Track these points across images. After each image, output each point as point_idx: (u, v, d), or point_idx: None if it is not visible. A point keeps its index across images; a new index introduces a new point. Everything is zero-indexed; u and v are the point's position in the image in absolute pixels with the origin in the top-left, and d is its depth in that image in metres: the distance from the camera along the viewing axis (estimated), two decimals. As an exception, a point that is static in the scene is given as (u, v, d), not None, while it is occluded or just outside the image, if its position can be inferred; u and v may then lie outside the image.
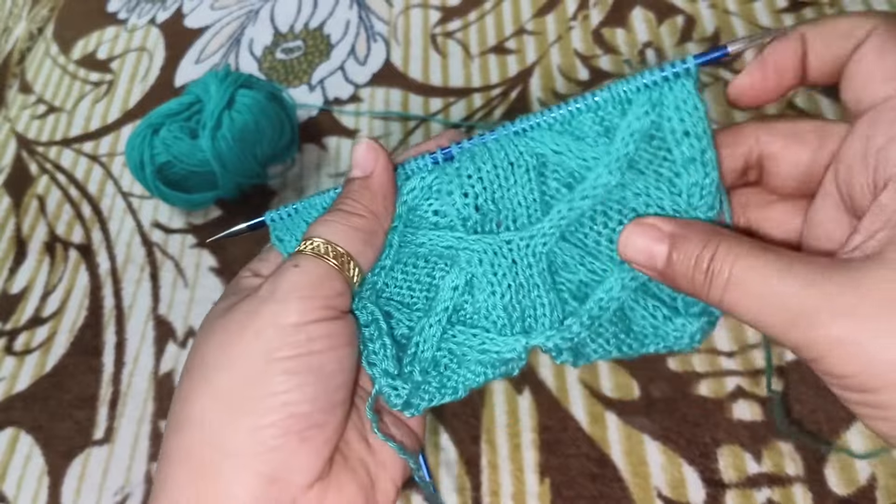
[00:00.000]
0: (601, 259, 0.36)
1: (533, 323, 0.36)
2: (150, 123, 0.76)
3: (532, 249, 0.36)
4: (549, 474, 0.57)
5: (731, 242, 0.30)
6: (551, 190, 0.36)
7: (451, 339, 0.37)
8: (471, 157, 0.36)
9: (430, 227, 0.37)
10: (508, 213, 0.36)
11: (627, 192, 0.35)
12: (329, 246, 0.34)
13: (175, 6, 1.08)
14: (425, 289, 0.38)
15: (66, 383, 0.73)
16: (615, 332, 0.37)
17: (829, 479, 0.52)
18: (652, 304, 0.36)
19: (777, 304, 0.27)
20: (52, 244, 0.85)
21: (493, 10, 0.91)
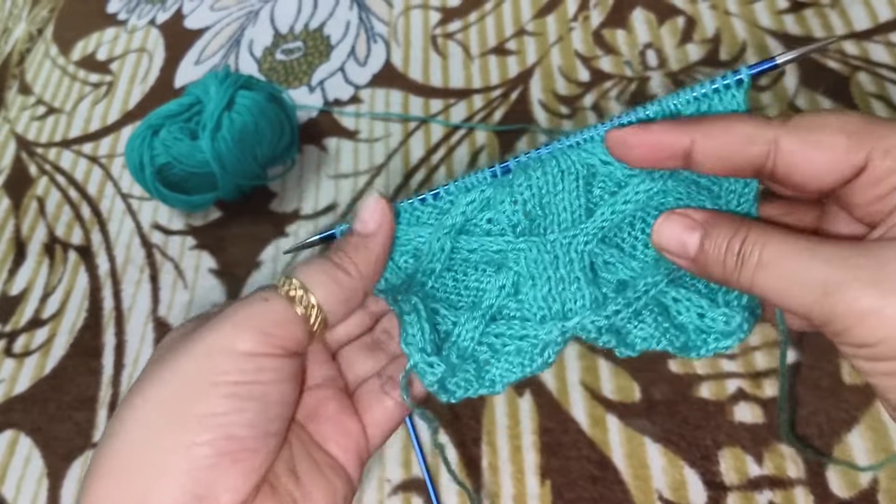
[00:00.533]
0: (638, 259, 0.38)
1: (571, 312, 0.38)
2: (149, 124, 0.76)
3: (574, 247, 0.38)
4: (550, 476, 0.57)
5: (761, 228, 0.31)
6: (595, 198, 0.38)
7: (492, 333, 0.39)
8: (524, 168, 0.38)
9: (483, 233, 0.39)
10: (554, 218, 0.38)
11: (668, 199, 0.36)
12: (305, 295, 0.35)
13: (175, 7, 1.08)
14: (472, 294, 0.40)
15: (65, 385, 0.73)
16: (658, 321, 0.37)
17: (830, 482, 0.52)
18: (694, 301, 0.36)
19: (805, 281, 0.28)
20: (51, 245, 0.85)
21: (493, 11, 0.91)
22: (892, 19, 0.74)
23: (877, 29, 0.74)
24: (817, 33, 0.75)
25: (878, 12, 0.75)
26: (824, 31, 0.75)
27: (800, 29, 0.76)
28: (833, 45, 0.74)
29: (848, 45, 0.74)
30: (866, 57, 0.72)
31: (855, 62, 0.72)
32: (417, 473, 0.59)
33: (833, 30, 0.75)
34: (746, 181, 0.35)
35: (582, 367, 0.61)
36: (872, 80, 0.70)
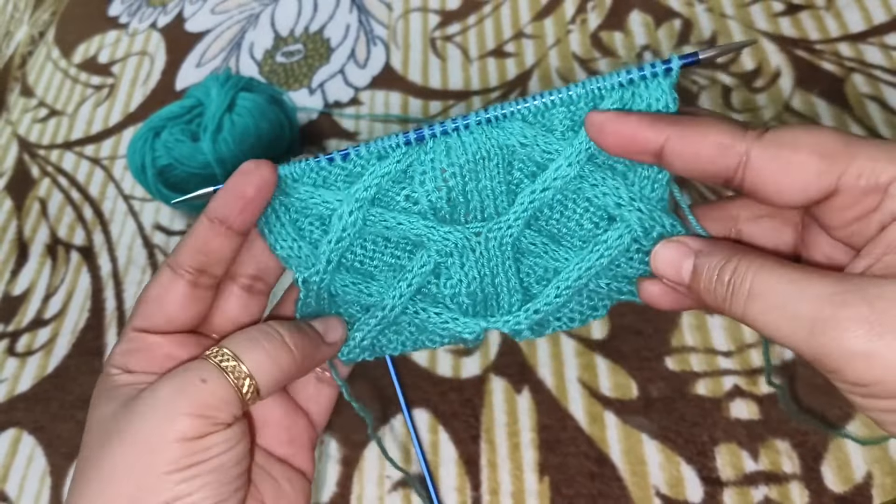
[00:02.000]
0: (563, 246, 0.38)
1: (495, 308, 0.39)
2: (151, 126, 0.76)
3: (499, 241, 0.38)
4: (549, 473, 0.57)
5: (752, 256, 0.31)
6: (515, 180, 0.38)
7: (414, 315, 0.40)
8: (446, 150, 0.37)
9: (400, 211, 0.38)
10: (477, 204, 0.38)
11: (584, 184, 0.36)
12: (238, 364, 0.34)
13: (176, 10, 1.09)
14: (388, 265, 0.40)
15: (67, 384, 0.73)
16: (580, 309, 0.39)
17: (825, 477, 0.53)
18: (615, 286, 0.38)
19: (796, 316, 0.28)
20: (53, 246, 0.85)
21: (491, 14, 0.92)
22: (886, 21, 0.75)
23: (871, 31, 0.75)
24: (813, 35, 0.76)
25: (872, 14, 0.76)
26: (819, 34, 0.76)
27: (795, 31, 0.77)
28: (828, 47, 0.74)
29: (843, 46, 0.74)
30: (861, 58, 0.73)
31: (850, 64, 0.73)
32: (416, 470, 0.60)
33: (828, 32, 0.76)
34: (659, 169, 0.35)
35: (580, 365, 0.61)
36: (867, 81, 0.71)
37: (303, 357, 0.36)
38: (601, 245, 0.37)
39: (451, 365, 0.64)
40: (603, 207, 0.37)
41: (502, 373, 0.63)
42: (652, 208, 0.36)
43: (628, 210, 0.36)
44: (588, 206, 0.37)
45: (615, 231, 0.37)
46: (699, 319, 0.61)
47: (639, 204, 0.36)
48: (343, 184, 0.38)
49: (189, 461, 0.32)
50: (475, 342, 0.40)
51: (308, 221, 0.39)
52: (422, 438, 0.61)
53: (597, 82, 0.35)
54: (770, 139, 0.30)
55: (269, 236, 0.39)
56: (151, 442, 0.32)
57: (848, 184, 0.29)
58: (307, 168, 0.38)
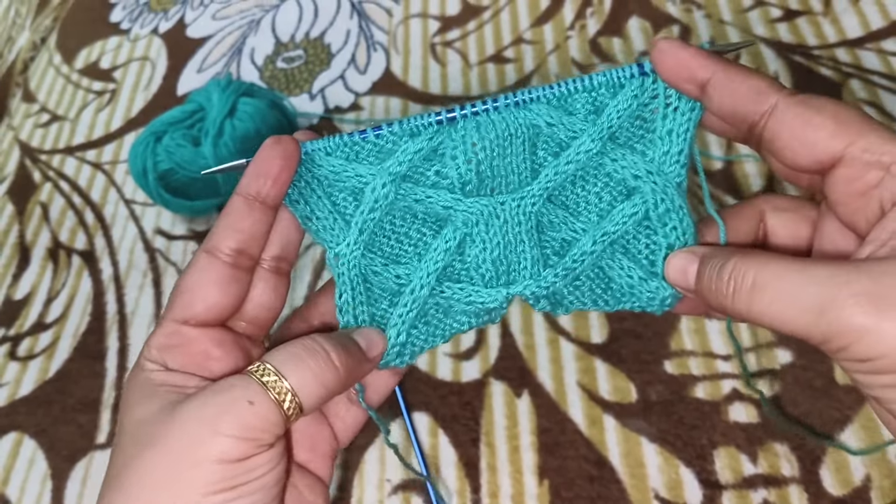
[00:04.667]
0: (581, 219, 0.40)
1: (516, 276, 0.40)
2: (152, 131, 0.77)
3: (522, 209, 0.39)
4: (548, 476, 0.57)
5: (751, 253, 0.32)
6: (539, 158, 0.40)
7: (440, 294, 0.40)
8: (476, 127, 0.38)
9: (429, 185, 0.40)
10: (502, 179, 0.39)
11: (605, 159, 0.39)
12: (292, 398, 0.34)
13: (177, 16, 1.09)
14: (413, 243, 0.41)
15: (69, 388, 0.73)
16: (592, 286, 0.41)
17: (824, 480, 0.53)
18: (628, 265, 0.39)
19: (801, 302, 0.29)
20: (55, 251, 0.86)
21: (491, 20, 0.92)
22: (883, 27, 0.75)
23: (869, 37, 0.75)
24: (810, 41, 0.77)
25: (870, 20, 0.76)
26: (817, 39, 0.77)
27: (793, 37, 0.77)
28: (826, 53, 0.75)
29: (840, 52, 0.75)
30: (858, 64, 0.73)
31: (847, 69, 0.73)
32: (417, 473, 0.60)
33: (826, 37, 0.76)
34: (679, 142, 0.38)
35: (579, 369, 0.62)
36: (864, 86, 0.71)
37: (347, 374, 0.36)
38: (618, 213, 0.39)
39: (450, 369, 0.64)
40: (622, 182, 0.39)
41: (502, 376, 0.63)
42: (666, 183, 0.38)
43: (644, 181, 0.38)
44: (608, 181, 0.39)
45: (631, 202, 0.39)
46: (698, 323, 0.62)
47: (655, 177, 0.38)
48: (375, 158, 0.39)
49: (230, 483, 0.32)
50: (500, 312, 0.41)
51: (342, 196, 0.40)
52: (422, 442, 0.61)
53: (619, 71, 0.37)
54: (800, 98, 0.32)
55: (302, 208, 0.40)
56: (193, 459, 0.32)
57: (853, 154, 0.31)
58: (340, 143, 0.39)
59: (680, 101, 0.37)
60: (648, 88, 0.37)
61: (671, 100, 0.37)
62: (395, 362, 0.41)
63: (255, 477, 0.33)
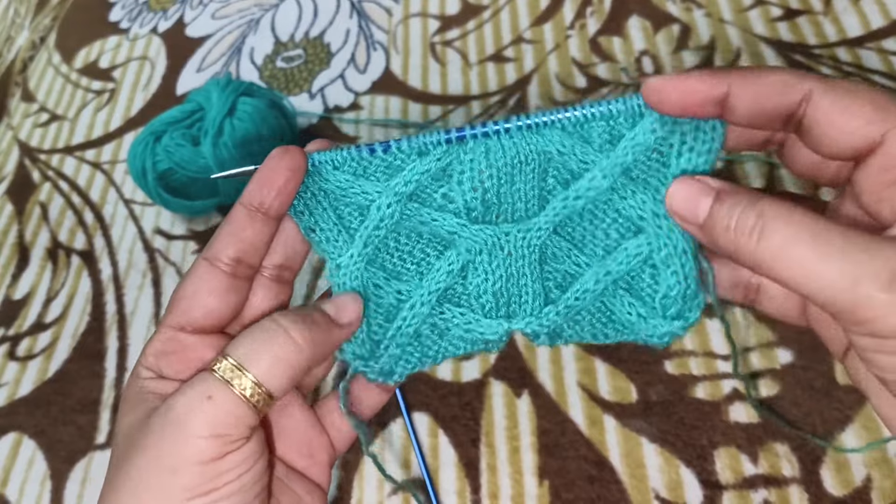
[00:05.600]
0: (586, 253, 0.39)
1: (517, 308, 0.39)
2: (152, 131, 0.77)
3: (527, 241, 0.38)
4: (548, 477, 0.57)
5: (780, 204, 0.30)
6: (549, 186, 0.39)
7: (439, 315, 0.40)
8: (485, 152, 0.37)
9: (436, 207, 0.39)
10: (508, 206, 0.39)
11: (615, 195, 0.37)
12: (256, 388, 0.33)
13: (176, 16, 1.09)
14: (416, 262, 0.40)
15: (68, 388, 0.73)
16: (592, 321, 0.40)
17: (825, 480, 0.53)
18: (629, 302, 0.39)
19: (838, 267, 0.28)
20: (54, 251, 0.86)
21: (491, 19, 0.92)
22: (884, 26, 0.75)
23: (869, 36, 0.75)
24: (810, 40, 0.76)
25: (870, 19, 0.76)
26: (817, 39, 0.76)
27: (793, 36, 0.77)
28: (826, 52, 0.75)
29: (841, 51, 0.75)
30: (859, 63, 0.73)
31: (848, 69, 0.73)
32: (417, 474, 0.60)
33: (826, 37, 0.76)
34: None
35: (579, 369, 0.61)
36: (865, 86, 0.71)
37: (313, 347, 0.35)
38: (622, 253, 0.38)
39: (451, 369, 0.64)
40: (630, 219, 0.38)
41: (502, 377, 0.63)
42: (672, 228, 0.37)
43: (649, 224, 0.37)
44: (617, 217, 0.38)
45: (637, 241, 0.38)
46: (698, 323, 0.61)
47: (661, 220, 0.37)
48: (382, 175, 0.39)
49: (209, 486, 0.32)
50: (498, 345, 0.40)
51: (347, 210, 0.40)
52: (422, 442, 0.61)
53: (639, 99, 0.36)
54: (833, 83, 0.31)
55: (307, 219, 0.39)
56: (172, 463, 0.32)
57: (891, 140, 0.30)
58: (348, 157, 0.39)
59: (696, 141, 0.35)
60: (668, 121, 0.35)
61: (687, 138, 0.35)
62: (385, 378, 0.40)
63: (232, 478, 0.33)
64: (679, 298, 0.37)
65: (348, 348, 0.40)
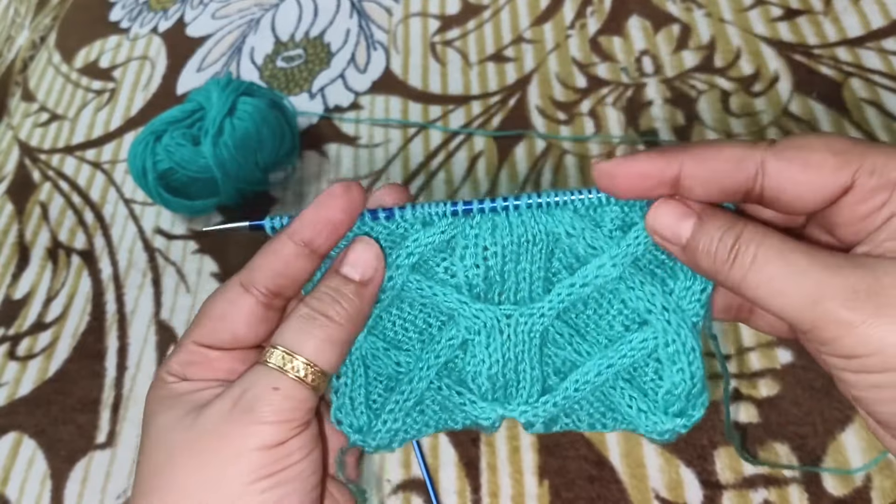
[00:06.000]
0: (588, 341, 0.38)
1: (514, 393, 0.38)
2: (152, 130, 0.77)
3: (529, 327, 0.37)
4: (548, 476, 0.57)
5: (757, 227, 0.31)
6: (553, 268, 0.37)
7: (437, 390, 0.38)
8: (491, 228, 0.36)
9: (438, 281, 0.38)
10: (512, 286, 0.37)
11: (622, 285, 0.36)
12: (310, 368, 0.34)
13: (177, 15, 1.09)
14: (418, 331, 0.39)
15: (68, 388, 0.73)
16: (590, 411, 0.38)
17: (824, 480, 0.53)
18: (629, 395, 0.37)
19: (800, 285, 0.28)
20: (54, 250, 0.86)
21: (491, 19, 0.92)
22: (884, 26, 0.75)
23: (869, 36, 0.75)
24: (811, 40, 0.77)
25: (870, 19, 0.76)
26: (818, 38, 0.76)
27: (794, 36, 0.77)
28: (827, 52, 0.75)
29: (841, 51, 0.75)
30: (859, 63, 0.73)
31: (848, 68, 0.73)
32: (417, 474, 0.60)
33: (826, 36, 0.76)
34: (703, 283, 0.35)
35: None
36: (865, 85, 0.71)
37: (349, 318, 0.35)
38: (626, 345, 0.36)
39: (451, 368, 0.64)
40: (636, 311, 0.37)
41: (502, 376, 0.63)
42: (680, 323, 0.36)
43: (657, 318, 0.36)
44: (622, 308, 0.37)
45: (642, 334, 0.36)
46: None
47: (670, 315, 0.36)
48: (385, 242, 0.37)
49: (271, 469, 0.33)
50: (491, 430, 0.39)
51: None
52: (422, 441, 0.61)
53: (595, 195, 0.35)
54: (783, 145, 0.31)
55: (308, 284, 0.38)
56: (231, 453, 0.32)
57: (861, 179, 0.30)
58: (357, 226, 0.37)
59: None
60: None
61: None
62: (386, 448, 0.39)
63: (293, 462, 0.33)
64: (683, 396, 0.36)
65: (345, 420, 0.38)
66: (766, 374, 0.58)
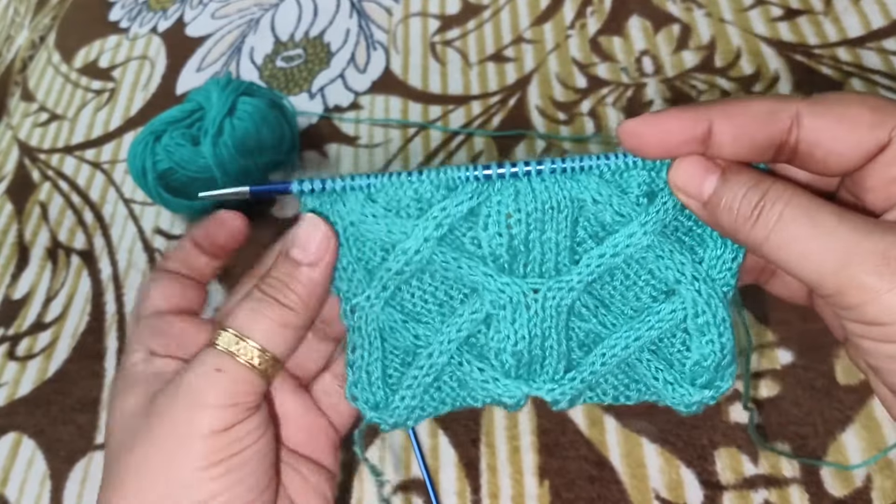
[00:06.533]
0: (613, 313, 0.36)
1: (538, 370, 0.37)
2: (152, 130, 0.77)
3: (557, 302, 0.36)
4: (549, 477, 0.57)
5: (784, 185, 0.30)
6: (579, 238, 0.36)
7: (458, 365, 0.37)
8: (514, 194, 0.35)
9: (464, 253, 0.36)
10: (537, 256, 0.36)
11: (650, 254, 0.35)
12: (258, 352, 0.34)
13: (176, 15, 1.09)
14: (438, 303, 0.37)
15: (68, 388, 0.73)
16: (615, 383, 0.37)
17: (825, 481, 0.53)
18: (656, 366, 0.36)
19: (828, 248, 0.27)
20: (54, 250, 0.86)
21: (491, 19, 0.92)
22: (884, 26, 0.75)
23: (869, 36, 0.75)
24: (811, 40, 0.76)
25: (870, 19, 0.76)
26: (818, 38, 0.76)
27: (794, 36, 0.77)
28: (827, 52, 0.75)
29: (841, 51, 0.75)
30: (859, 63, 0.73)
31: (848, 68, 0.73)
32: (417, 474, 0.60)
33: (827, 36, 0.76)
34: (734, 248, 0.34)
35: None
36: (865, 85, 0.71)
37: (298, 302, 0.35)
38: (653, 316, 0.35)
39: (451, 369, 0.64)
40: (664, 280, 0.35)
41: (502, 376, 0.63)
42: (711, 293, 0.34)
43: (687, 287, 0.35)
44: (650, 279, 0.36)
45: (670, 304, 0.35)
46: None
47: (700, 284, 0.34)
48: (415, 210, 0.35)
49: (221, 455, 0.32)
50: (515, 408, 0.38)
51: (369, 247, 0.36)
52: (422, 442, 0.61)
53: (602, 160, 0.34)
54: (818, 98, 0.30)
55: None
56: (182, 436, 0.32)
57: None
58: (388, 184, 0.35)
59: None
60: None
61: None
62: (402, 425, 0.38)
63: (244, 446, 0.33)
64: (712, 368, 0.35)
65: (361, 395, 0.37)
66: (767, 375, 0.58)
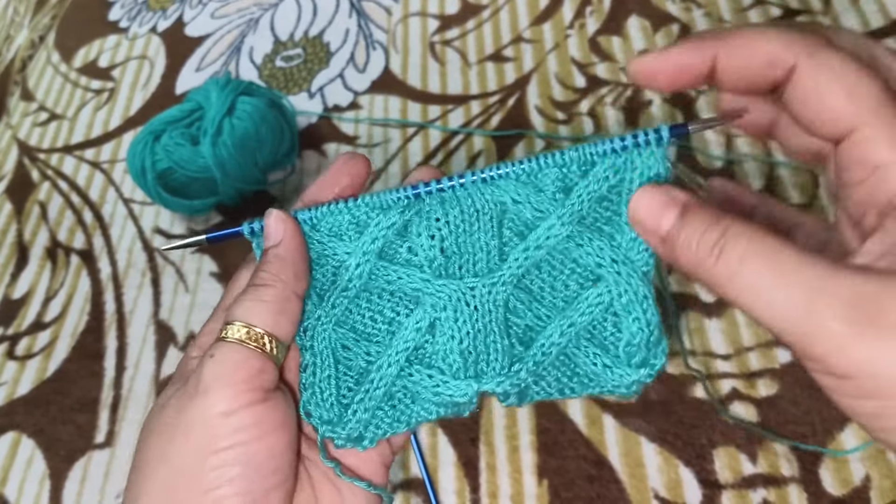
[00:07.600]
0: (545, 305, 0.38)
1: (485, 367, 0.38)
2: (151, 130, 0.77)
3: (493, 297, 0.38)
4: (547, 476, 0.57)
5: (745, 223, 0.29)
6: (505, 237, 0.38)
7: (408, 377, 0.39)
8: (440, 202, 0.38)
9: (402, 263, 0.39)
10: (469, 258, 0.38)
11: (571, 243, 0.37)
12: (245, 328, 0.35)
13: (176, 15, 1.09)
14: (387, 322, 0.40)
15: (67, 387, 0.73)
16: (557, 375, 0.39)
17: (823, 480, 0.53)
18: (593, 352, 0.37)
19: (782, 288, 0.26)
20: (53, 250, 0.86)
21: (490, 19, 0.92)
22: (884, 25, 0.75)
23: (869, 36, 0.75)
24: (810, 40, 0.76)
25: (870, 19, 0.76)
26: (817, 38, 0.76)
27: (793, 36, 0.77)
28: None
29: (840, 51, 0.75)
30: (858, 63, 0.73)
31: (847, 68, 0.73)
32: (416, 474, 0.60)
33: (825, 36, 0.76)
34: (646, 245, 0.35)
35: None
36: (864, 85, 0.71)
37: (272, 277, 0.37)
38: (583, 303, 0.37)
39: (450, 368, 0.64)
40: (588, 267, 0.37)
41: (501, 376, 0.63)
42: (630, 273, 0.36)
43: (607, 270, 0.36)
44: (574, 267, 0.38)
45: (597, 289, 0.37)
46: (697, 323, 0.61)
47: (619, 266, 0.36)
48: (354, 233, 0.39)
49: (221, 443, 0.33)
50: (469, 408, 0.39)
51: (321, 272, 0.40)
52: (421, 441, 0.61)
53: (591, 148, 0.36)
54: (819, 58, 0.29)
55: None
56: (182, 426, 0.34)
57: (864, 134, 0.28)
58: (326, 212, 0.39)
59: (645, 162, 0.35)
60: (622, 167, 0.35)
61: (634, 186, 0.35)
62: (354, 444, 0.39)
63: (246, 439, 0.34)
64: (643, 346, 0.36)
65: (315, 412, 0.39)
66: (765, 374, 0.58)
